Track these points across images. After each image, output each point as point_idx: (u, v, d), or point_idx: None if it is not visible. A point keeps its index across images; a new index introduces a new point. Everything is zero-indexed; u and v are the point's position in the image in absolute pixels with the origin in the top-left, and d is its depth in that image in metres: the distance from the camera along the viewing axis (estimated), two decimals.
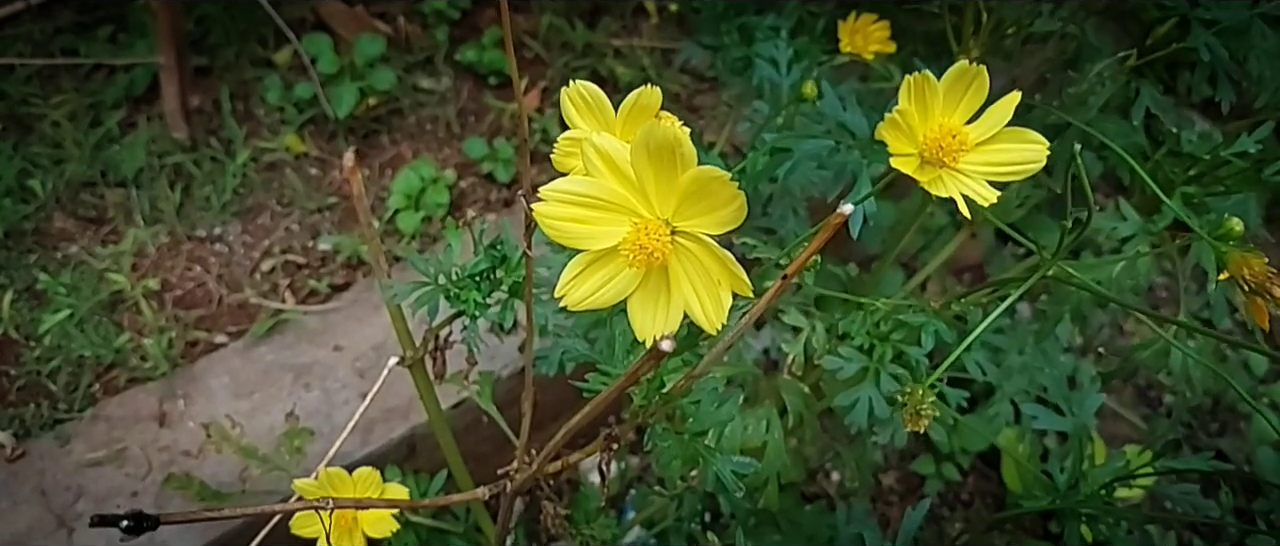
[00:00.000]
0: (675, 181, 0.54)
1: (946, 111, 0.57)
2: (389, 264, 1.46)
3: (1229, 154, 0.84)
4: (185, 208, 1.51)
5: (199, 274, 1.45)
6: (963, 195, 0.56)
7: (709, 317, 0.55)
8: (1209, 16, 0.80)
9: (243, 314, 1.42)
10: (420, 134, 1.65)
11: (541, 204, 0.56)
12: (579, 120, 0.63)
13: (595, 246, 0.56)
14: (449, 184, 1.53)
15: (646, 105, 0.61)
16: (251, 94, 1.64)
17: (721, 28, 1.33)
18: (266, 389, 1.34)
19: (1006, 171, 0.58)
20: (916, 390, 0.65)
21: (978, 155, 0.58)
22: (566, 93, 0.62)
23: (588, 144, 0.56)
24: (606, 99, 0.62)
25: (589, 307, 0.58)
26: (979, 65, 0.56)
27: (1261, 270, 0.60)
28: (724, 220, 0.54)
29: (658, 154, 0.54)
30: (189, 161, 1.53)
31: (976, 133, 0.57)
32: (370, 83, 1.58)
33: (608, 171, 0.56)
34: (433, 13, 1.73)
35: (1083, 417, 0.90)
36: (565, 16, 1.80)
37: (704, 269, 0.55)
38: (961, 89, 0.57)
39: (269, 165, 1.58)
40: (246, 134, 1.59)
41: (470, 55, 1.70)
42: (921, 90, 0.57)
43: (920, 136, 0.57)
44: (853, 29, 0.94)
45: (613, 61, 1.75)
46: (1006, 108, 0.57)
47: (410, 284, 0.90)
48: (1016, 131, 0.58)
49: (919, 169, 0.57)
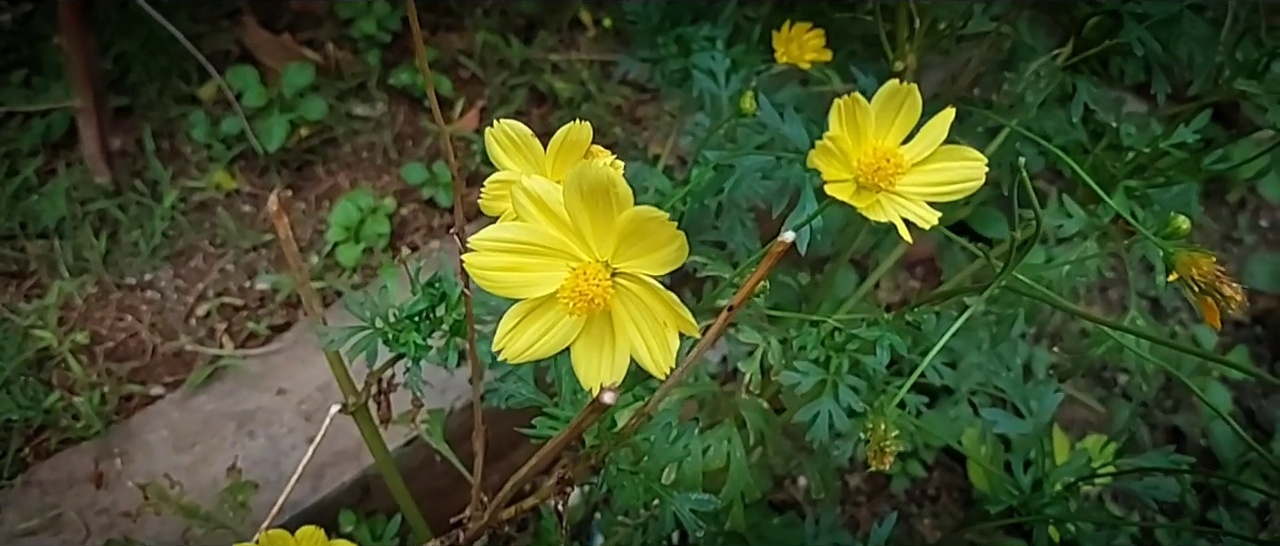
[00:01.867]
0: (612, 222, 0.52)
1: (880, 133, 0.55)
2: (326, 304, 1.42)
3: (1168, 145, 0.84)
4: (112, 255, 1.45)
5: (130, 324, 1.40)
6: (903, 219, 0.55)
7: (656, 361, 0.53)
8: (1140, 10, 0.79)
9: (179, 363, 1.37)
10: (357, 162, 1.60)
11: (472, 255, 0.53)
12: (507, 161, 0.60)
13: (533, 294, 0.54)
14: (389, 213, 1.49)
15: (577, 141, 0.58)
16: (177, 132, 1.58)
17: (657, 40, 1.30)
18: (208, 440, 1.29)
19: (945, 191, 0.56)
20: (878, 425, 0.63)
21: (915, 176, 0.56)
22: (491, 133, 0.59)
23: (517, 188, 0.53)
24: (534, 137, 0.59)
25: (530, 358, 0.55)
26: (910, 84, 0.54)
27: (1210, 270, 0.59)
28: (665, 260, 0.52)
29: (591, 195, 0.51)
30: (113, 207, 1.47)
31: (912, 153, 0.56)
32: (300, 114, 1.53)
33: (540, 215, 0.53)
34: (363, 37, 1.68)
35: (1041, 418, 0.89)
36: (500, 33, 1.77)
37: (648, 310, 0.53)
38: (894, 109, 0.55)
39: (199, 205, 1.52)
40: (173, 174, 1.53)
41: (404, 78, 1.66)
42: (852, 114, 0.55)
43: (854, 161, 0.55)
44: (788, 38, 0.93)
45: (551, 77, 1.72)
46: (941, 125, 0.55)
47: (346, 328, 0.86)
48: (953, 149, 0.56)
49: (856, 194, 0.55)
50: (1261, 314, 1.95)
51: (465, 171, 1.60)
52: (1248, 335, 1.92)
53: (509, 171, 0.60)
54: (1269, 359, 1.89)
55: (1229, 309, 0.60)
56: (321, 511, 1.25)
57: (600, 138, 1.64)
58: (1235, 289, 0.58)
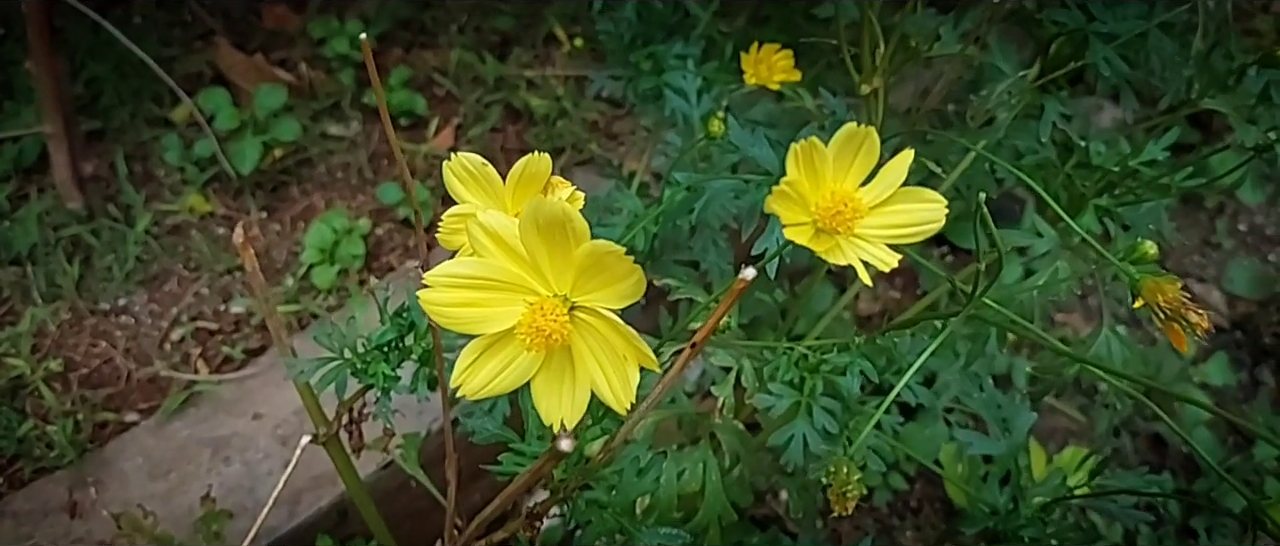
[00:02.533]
0: (570, 256, 0.51)
1: (838, 177, 0.55)
2: (302, 326, 1.41)
3: (1138, 163, 0.84)
4: (86, 281, 1.44)
5: (105, 350, 1.38)
6: (862, 261, 0.54)
7: (616, 396, 0.52)
8: (1106, 30, 0.79)
9: (154, 388, 1.35)
10: (332, 182, 1.59)
11: (427, 292, 0.52)
12: (465, 194, 0.59)
13: (490, 330, 0.53)
14: (364, 233, 1.48)
15: (536, 173, 0.58)
16: (150, 155, 1.57)
17: (630, 57, 1.30)
18: (183, 467, 1.28)
19: (905, 233, 0.56)
20: (840, 467, 0.63)
21: (874, 218, 0.55)
22: (448, 167, 0.58)
23: (472, 223, 0.52)
24: (492, 170, 0.59)
25: (490, 395, 0.54)
26: (868, 127, 0.54)
27: (1175, 297, 0.59)
28: (624, 294, 0.51)
29: (548, 230, 0.51)
30: (86, 232, 1.45)
31: (871, 196, 0.55)
32: (274, 135, 1.52)
33: (497, 250, 0.53)
34: (336, 57, 1.67)
35: (1015, 438, 0.88)
36: (475, 50, 1.76)
37: (608, 344, 0.53)
38: (852, 152, 0.55)
39: (173, 228, 1.51)
40: (147, 197, 1.52)
41: None
42: (809, 157, 0.54)
43: (812, 205, 0.55)
44: (756, 60, 0.93)
45: (526, 93, 1.71)
46: (900, 167, 0.55)
47: (315, 360, 0.85)
48: (913, 191, 0.56)
49: (814, 238, 0.55)
50: (1241, 319, 1.96)
51: (441, 189, 1.59)
52: (1227, 340, 1.93)
53: (467, 204, 0.59)
54: (1249, 364, 1.90)
55: (1195, 334, 0.59)
56: (298, 537, 1.24)
57: (575, 154, 1.64)
58: (1201, 315, 0.58)
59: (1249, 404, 1.84)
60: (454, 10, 1.81)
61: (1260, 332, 1.93)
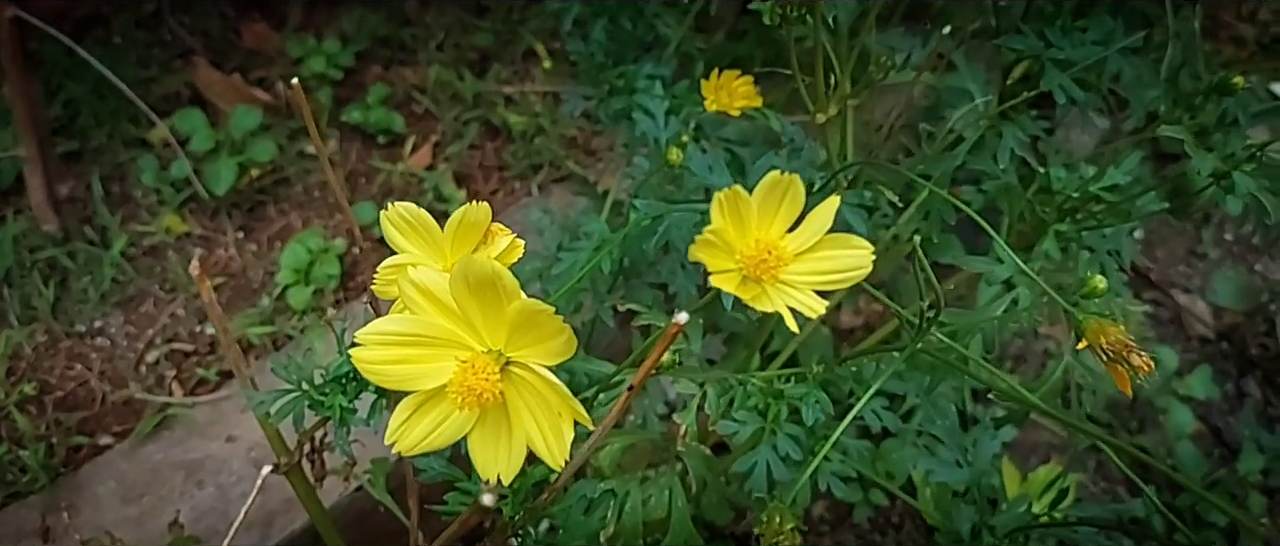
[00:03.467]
0: (502, 312, 0.51)
1: (763, 225, 0.55)
2: (278, 347, 1.40)
3: (1098, 189, 0.83)
4: (62, 303, 1.44)
5: (80, 372, 1.38)
6: (789, 308, 0.54)
7: (551, 452, 0.52)
8: (1062, 57, 0.79)
9: (128, 411, 1.35)
10: (309, 202, 1.59)
11: (359, 350, 0.52)
12: (404, 243, 0.59)
13: (423, 387, 0.53)
14: (339, 253, 1.48)
15: (474, 223, 0.58)
16: (127, 175, 1.56)
17: (601, 77, 1.30)
18: (157, 490, 1.27)
19: (832, 279, 0.56)
20: (773, 517, 0.62)
21: (802, 264, 0.55)
22: (386, 216, 0.58)
23: (403, 280, 0.52)
24: (431, 219, 0.58)
25: (426, 450, 0.54)
26: (792, 175, 0.54)
27: (1118, 340, 0.58)
28: (555, 351, 0.51)
29: (479, 288, 0.51)
30: (62, 254, 1.45)
31: (796, 243, 0.55)
32: (250, 156, 1.52)
33: (429, 306, 0.52)
34: (314, 75, 1.67)
35: (980, 466, 0.88)
36: (453, 67, 1.76)
37: (543, 400, 0.52)
38: (776, 200, 0.55)
39: (150, 249, 1.51)
40: (123, 218, 1.52)
41: (355, 116, 1.65)
42: (734, 205, 0.54)
43: (738, 253, 0.54)
44: (717, 86, 0.92)
45: (504, 110, 1.71)
46: (826, 214, 0.55)
47: (273, 393, 0.85)
48: (839, 238, 0.55)
49: (741, 286, 0.54)
50: (1227, 330, 1.95)
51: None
52: (1213, 351, 1.92)
53: (406, 254, 0.59)
54: (1235, 376, 1.89)
55: (1137, 378, 0.59)
56: None
57: (553, 171, 1.64)
58: (1144, 358, 0.58)
59: (1235, 415, 1.83)
60: (433, 27, 1.81)
61: (1247, 343, 1.93)
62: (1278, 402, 1.85)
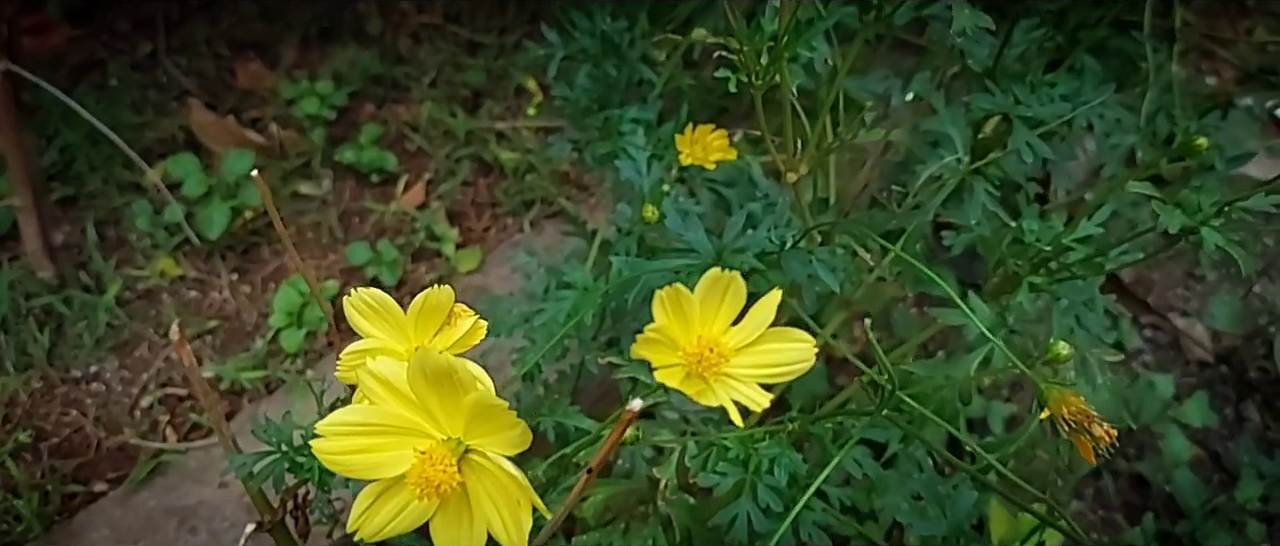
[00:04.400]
0: (460, 402, 0.52)
1: (705, 321, 0.55)
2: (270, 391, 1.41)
3: (1071, 240, 0.84)
4: (57, 348, 1.45)
5: (75, 418, 1.39)
6: (734, 401, 0.55)
7: (511, 537, 0.52)
8: (1029, 114, 0.79)
9: (123, 457, 1.36)
10: (302, 242, 1.60)
11: (320, 441, 0.52)
12: (368, 327, 0.60)
13: (384, 475, 0.53)
14: (331, 295, 1.49)
15: (436, 306, 0.58)
16: (122, 219, 1.58)
17: (586, 121, 1.30)
18: (150, 537, 1.28)
19: (776, 372, 0.56)
20: None
21: (745, 357, 0.56)
22: (349, 302, 0.59)
23: (362, 371, 0.53)
24: (393, 303, 0.59)
25: (388, 536, 0.54)
26: (733, 272, 0.54)
27: (1079, 410, 0.59)
28: (512, 442, 0.51)
29: (436, 380, 0.51)
30: (58, 301, 1.47)
31: (739, 338, 0.56)
32: (242, 199, 1.53)
33: (388, 396, 0.53)
34: (307, 116, 1.69)
35: (956, 518, 0.88)
36: (446, 104, 1.77)
37: (503, 487, 0.53)
38: (718, 296, 0.56)
39: (144, 293, 1.52)
40: (118, 262, 1.53)
41: (349, 156, 1.66)
42: (676, 302, 0.55)
43: (681, 349, 0.55)
44: (692, 140, 0.93)
45: (496, 147, 1.72)
46: (768, 308, 0.55)
47: (254, 454, 0.86)
48: (781, 332, 0.56)
49: (685, 381, 0.55)
50: (1225, 353, 1.94)
51: (410, 247, 1.59)
52: (1212, 376, 1.91)
53: (369, 339, 0.60)
54: (1234, 400, 1.88)
55: (1099, 448, 0.59)
56: None
57: (545, 207, 1.65)
58: (1105, 429, 0.58)
59: (1234, 440, 1.82)
60: (426, 64, 1.83)
61: (1245, 367, 1.92)
62: (1276, 427, 1.84)
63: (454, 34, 1.88)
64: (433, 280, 1.57)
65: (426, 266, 1.59)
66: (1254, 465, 1.73)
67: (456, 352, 0.59)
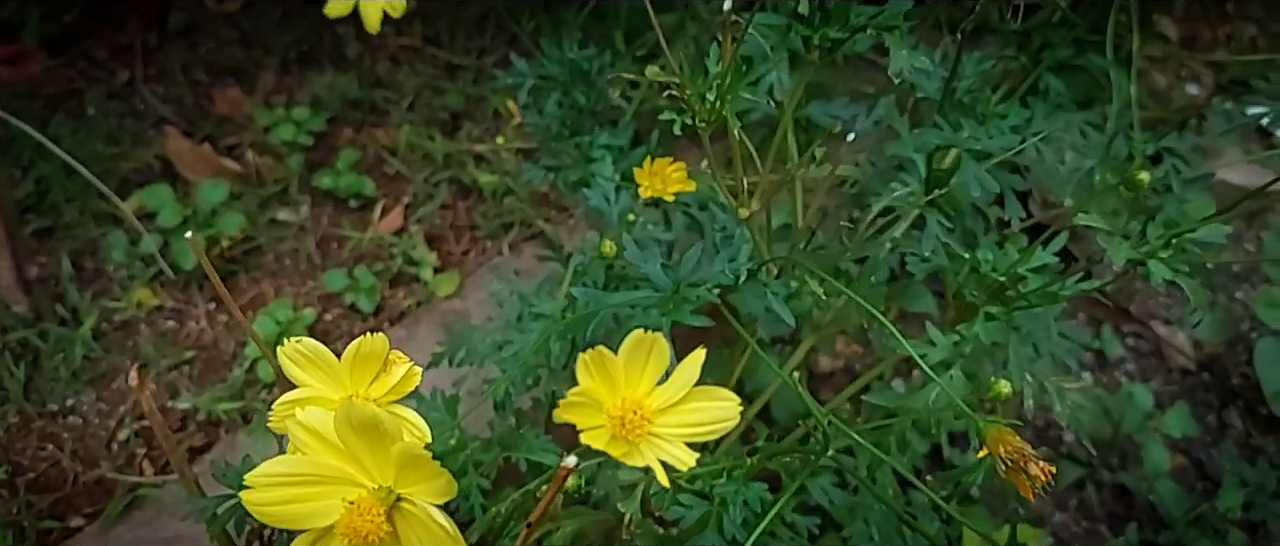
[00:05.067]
0: (388, 452, 0.52)
1: (630, 382, 0.56)
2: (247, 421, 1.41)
3: (1027, 269, 0.84)
4: (34, 382, 1.45)
5: (52, 453, 1.39)
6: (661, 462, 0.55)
7: None
8: (979, 147, 0.80)
9: (100, 491, 1.36)
10: (280, 270, 1.61)
11: (249, 492, 0.53)
12: (303, 376, 0.60)
13: (314, 526, 0.54)
14: (308, 324, 1.49)
15: (370, 354, 0.58)
16: (99, 250, 1.58)
17: (558, 148, 1.31)
18: None
19: (701, 431, 0.57)
20: None
21: (671, 417, 0.56)
22: (283, 352, 0.59)
23: (292, 422, 0.53)
24: (328, 353, 0.59)
25: None
26: (655, 333, 0.55)
27: (1016, 449, 0.59)
28: (439, 491, 0.52)
29: (362, 430, 0.51)
30: (33, 335, 1.47)
31: (664, 398, 0.56)
32: (218, 229, 1.54)
33: (318, 446, 0.53)
34: (283, 143, 1.69)
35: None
36: (424, 127, 1.78)
37: (433, 535, 0.53)
38: (642, 357, 0.56)
39: (121, 324, 1.52)
40: (95, 293, 1.54)
41: (326, 182, 1.66)
42: (601, 365, 0.55)
43: (606, 411, 0.55)
44: (651, 173, 0.93)
45: (474, 169, 1.72)
46: (693, 367, 0.56)
47: (215, 498, 0.86)
48: (707, 391, 0.56)
49: (611, 442, 0.55)
50: (1207, 360, 1.94)
51: (388, 272, 1.60)
52: (1194, 383, 1.91)
53: (305, 388, 0.60)
54: (1217, 406, 1.88)
55: (1037, 488, 0.59)
56: None
57: (524, 230, 1.65)
58: (1042, 467, 0.58)
59: (1217, 448, 1.82)
60: (404, 88, 1.83)
61: (1228, 373, 1.92)
62: (1258, 433, 1.84)
63: (433, 56, 1.89)
64: (411, 305, 1.57)
65: (404, 291, 1.60)
66: (1236, 472, 1.72)
67: (392, 399, 0.59)
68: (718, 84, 0.68)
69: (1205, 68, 2.44)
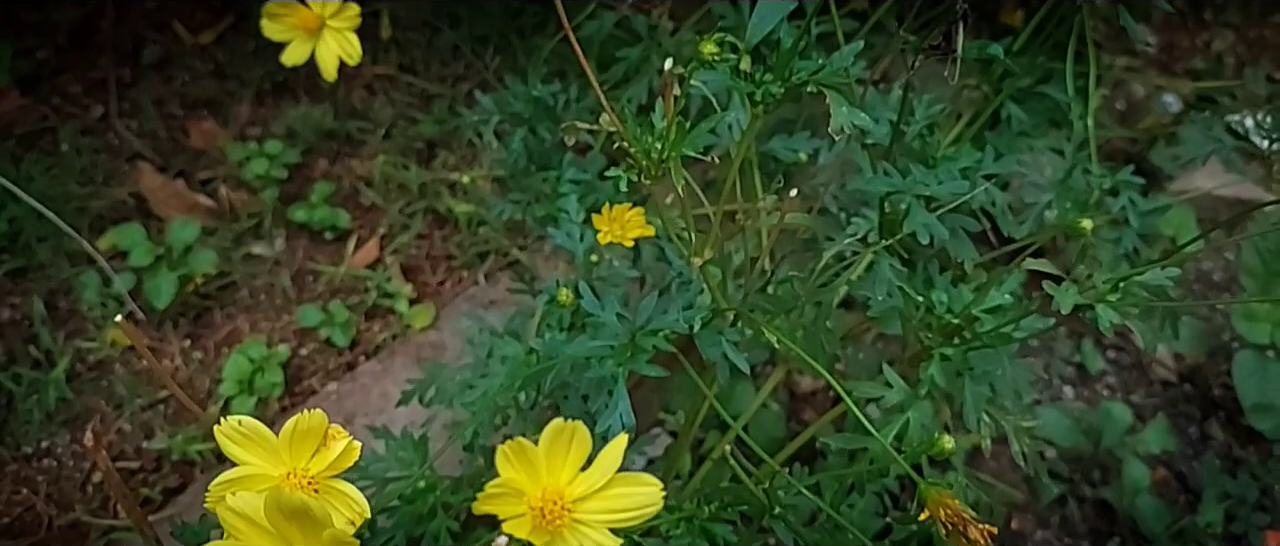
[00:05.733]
0: (320, 537, 0.52)
1: (552, 470, 0.56)
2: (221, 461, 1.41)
3: (980, 311, 0.84)
4: (9, 425, 1.45)
5: (26, 497, 1.39)
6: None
7: None
8: (927, 192, 0.80)
9: (74, 535, 1.36)
10: (255, 305, 1.60)
11: None
12: (241, 454, 0.60)
13: None
14: (283, 360, 1.49)
15: (309, 430, 0.58)
16: (73, 290, 1.58)
17: (526, 183, 1.31)
18: None
19: (625, 517, 0.57)
20: None
21: (595, 503, 0.56)
22: (220, 432, 0.59)
23: (222, 508, 0.53)
24: (265, 430, 0.59)
25: None
26: (575, 422, 0.55)
27: (955, 512, 0.59)
28: None
29: (292, 516, 0.51)
30: (8, 379, 1.46)
31: (586, 485, 0.56)
32: (190, 267, 1.53)
33: (250, 531, 0.53)
34: (257, 177, 1.69)
35: None
36: (399, 157, 1.78)
37: None
38: (564, 445, 0.56)
39: (96, 364, 1.52)
40: (69, 332, 1.53)
41: (300, 215, 1.66)
42: (521, 455, 0.55)
43: (527, 501, 0.55)
44: (610, 218, 0.93)
45: (450, 199, 1.72)
46: (615, 454, 0.56)
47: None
48: (629, 477, 0.57)
49: (533, 531, 0.55)
50: (1189, 371, 1.95)
51: (363, 305, 1.60)
52: (1176, 394, 1.91)
53: (244, 466, 0.60)
54: (1198, 418, 1.89)
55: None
56: None
57: (500, 259, 1.65)
58: (982, 531, 0.58)
59: (1199, 460, 1.82)
60: (379, 118, 1.83)
61: (1209, 384, 1.92)
62: (1239, 445, 1.84)
63: (408, 84, 1.89)
64: (386, 339, 1.57)
65: (380, 324, 1.59)
66: (1216, 486, 1.73)
67: (333, 474, 0.59)
68: (662, 138, 0.68)
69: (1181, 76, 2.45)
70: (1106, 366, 1.95)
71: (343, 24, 1.03)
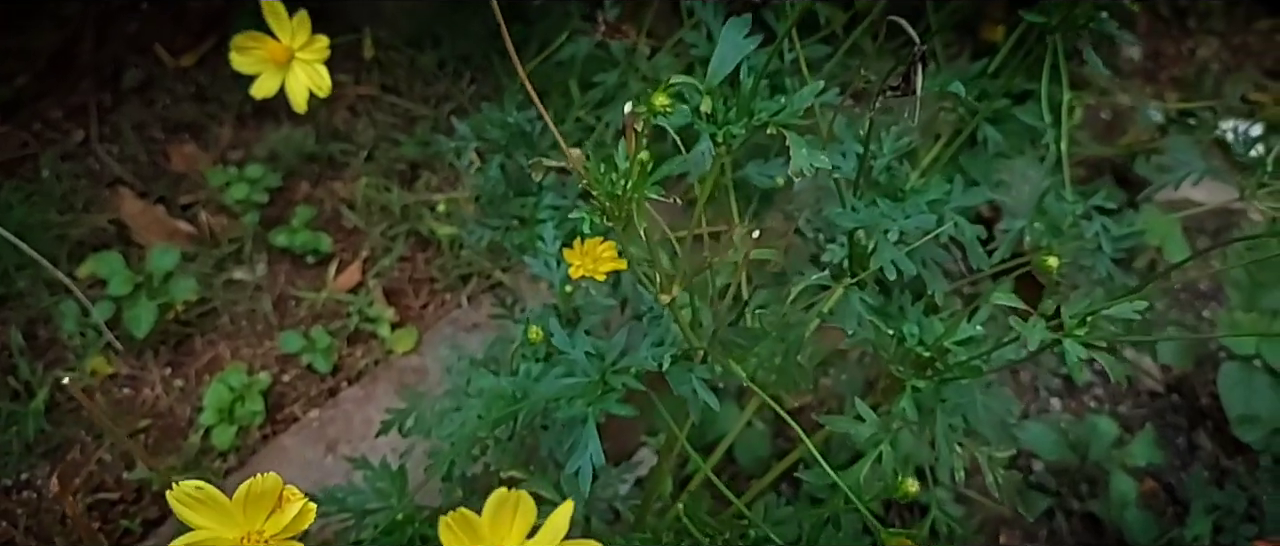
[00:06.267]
0: None
1: (498, 539, 0.56)
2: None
3: (952, 343, 0.83)
4: None
5: (5, 530, 1.38)
6: None
7: None
8: (896, 227, 0.79)
9: None
10: (236, 331, 1.60)
11: None
12: (196, 519, 0.59)
13: None
14: (263, 388, 1.48)
15: (263, 493, 0.58)
16: (52, 319, 1.57)
17: (503, 209, 1.31)
18: None
19: None
20: None
21: None
22: (172, 497, 0.58)
23: None
24: (219, 494, 0.58)
25: None
26: (519, 492, 0.55)
27: None
28: None
29: None
30: None
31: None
32: (170, 295, 1.53)
33: None
34: (238, 201, 1.68)
35: None
36: (381, 179, 1.77)
37: None
38: (509, 514, 0.56)
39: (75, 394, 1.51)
40: (49, 362, 1.53)
41: (282, 239, 1.65)
42: (465, 525, 0.55)
43: None
44: (583, 252, 0.93)
45: (432, 221, 1.72)
46: (562, 520, 0.55)
47: None
48: (579, 543, 0.56)
49: None
50: (1176, 382, 1.95)
51: (345, 330, 1.59)
52: (1163, 405, 1.91)
53: (199, 530, 0.59)
54: (1186, 429, 1.88)
55: None
56: None
57: (483, 281, 1.64)
58: None
59: (1187, 471, 1.82)
60: (361, 140, 1.83)
61: (1196, 394, 1.92)
62: (1226, 456, 1.84)
63: (391, 105, 1.88)
64: (368, 364, 1.57)
65: (362, 349, 1.59)
66: (1203, 497, 1.72)
67: (288, 536, 0.59)
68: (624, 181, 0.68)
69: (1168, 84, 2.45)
70: (1093, 378, 1.95)
71: (312, 56, 1.03)
